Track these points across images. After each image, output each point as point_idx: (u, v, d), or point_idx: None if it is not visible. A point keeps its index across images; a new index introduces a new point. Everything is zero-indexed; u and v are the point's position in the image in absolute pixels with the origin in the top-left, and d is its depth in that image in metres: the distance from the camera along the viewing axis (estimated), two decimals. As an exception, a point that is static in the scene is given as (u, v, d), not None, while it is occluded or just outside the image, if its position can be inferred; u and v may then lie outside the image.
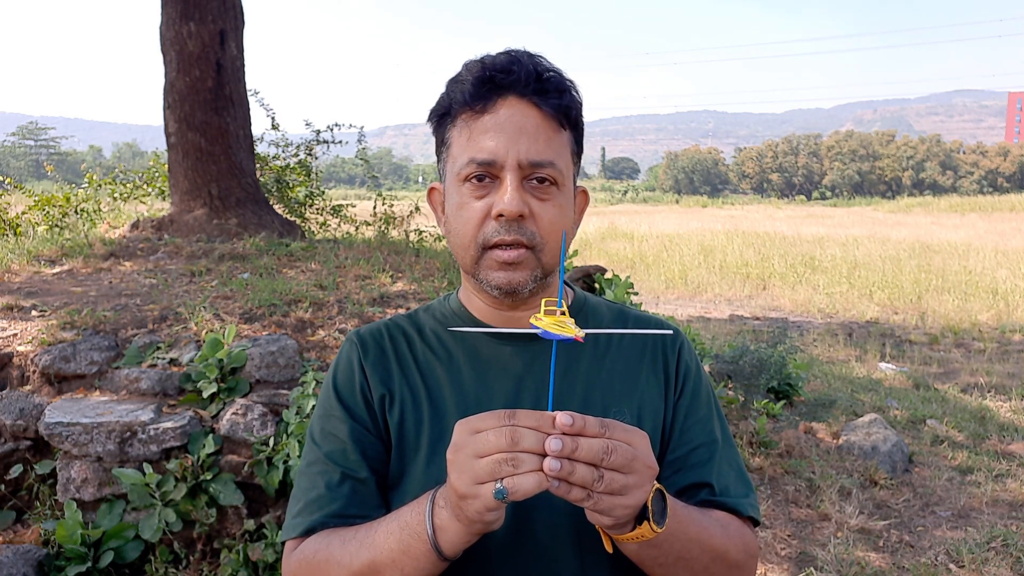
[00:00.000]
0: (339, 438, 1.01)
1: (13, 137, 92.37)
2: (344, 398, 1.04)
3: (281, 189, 7.93)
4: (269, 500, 2.96)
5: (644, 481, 0.79)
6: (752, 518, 1.03)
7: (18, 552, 2.66)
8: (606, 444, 0.76)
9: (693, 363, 1.10)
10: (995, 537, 3.70)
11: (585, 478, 0.75)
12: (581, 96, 0.99)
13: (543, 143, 0.94)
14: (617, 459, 0.76)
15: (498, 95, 0.94)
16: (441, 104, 1.00)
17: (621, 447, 0.77)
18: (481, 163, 0.94)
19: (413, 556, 0.85)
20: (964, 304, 10.63)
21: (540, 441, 0.75)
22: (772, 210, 40.11)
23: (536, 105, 0.94)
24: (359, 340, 1.08)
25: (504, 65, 0.94)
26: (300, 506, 0.99)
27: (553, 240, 0.96)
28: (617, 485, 0.77)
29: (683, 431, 1.05)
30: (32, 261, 4.88)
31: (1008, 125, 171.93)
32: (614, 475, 0.77)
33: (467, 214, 0.96)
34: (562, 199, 0.97)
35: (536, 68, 0.95)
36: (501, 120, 0.94)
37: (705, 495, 1.02)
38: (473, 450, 0.77)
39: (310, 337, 3.59)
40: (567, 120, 0.97)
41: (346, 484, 0.98)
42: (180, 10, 5.65)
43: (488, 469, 0.76)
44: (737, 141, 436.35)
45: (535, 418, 0.77)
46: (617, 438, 0.78)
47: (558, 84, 0.96)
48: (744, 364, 5.14)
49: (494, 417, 0.78)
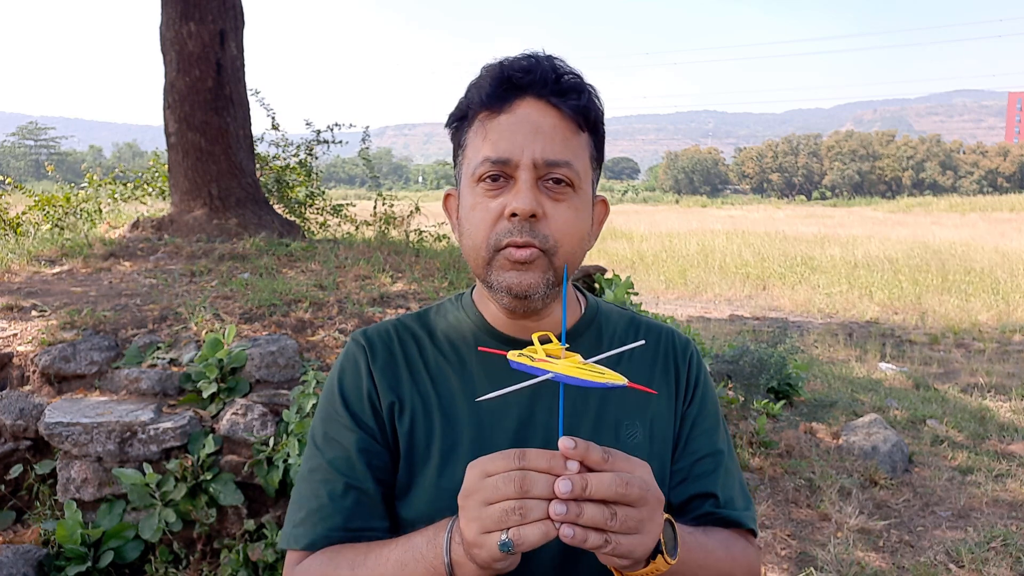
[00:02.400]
0: (343, 446, 0.98)
1: (13, 137, 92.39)
2: (350, 404, 1.00)
3: (281, 189, 7.93)
4: (269, 500, 2.96)
5: (656, 514, 0.76)
6: (752, 531, 1.04)
7: (18, 552, 2.66)
8: (619, 477, 0.73)
9: (703, 374, 1.10)
10: (995, 537, 3.70)
11: (596, 518, 0.71)
12: (602, 103, 0.97)
13: (560, 143, 0.92)
14: (633, 492, 0.73)
15: (516, 95, 0.93)
16: (459, 108, 0.98)
17: (635, 479, 0.74)
18: (496, 161, 0.92)
19: None
20: (964, 304, 10.63)
21: (550, 485, 0.72)
22: (772, 210, 40.10)
23: (554, 106, 0.92)
24: (367, 342, 1.04)
25: (523, 66, 0.93)
26: (302, 515, 0.97)
27: (567, 244, 0.93)
28: (632, 522, 0.73)
29: (689, 441, 1.05)
30: (32, 261, 4.88)
31: (1008, 125, 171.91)
32: (628, 511, 0.73)
33: (480, 214, 0.93)
34: (578, 202, 0.94)
35: (555, 69, 0.93)
36: (518, 119, 0.92)
37: (710, 506, 1.01)
38: (482, 497, 0.74)
39: (310, 337, 3.59)
40: (586, 122, 0.95)
41: (350, 495, 0.96)
42: (180, 10, 5.65)
43: (496, 518, 0.72)
44: (737, 141, 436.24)
45: (546, 459, 0.73)
46: (622, 469, 0.74)
47: (577, 86, 0.94)
48: (744, 364, 5.14)
49: (504, 459, 0.74)
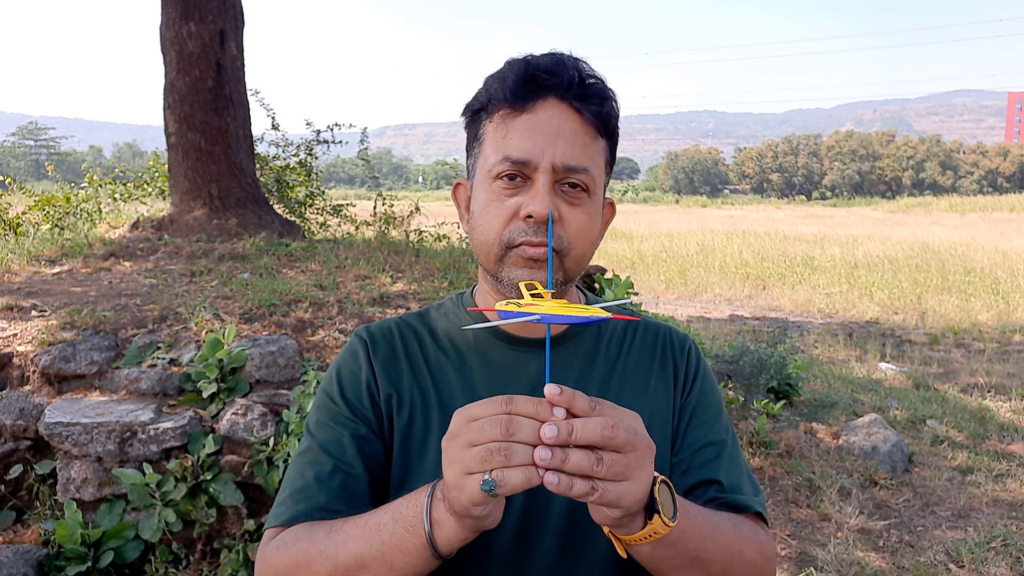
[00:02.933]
0: (336, 429, 0.99)
1: (13, 137, 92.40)
2: (347, 392, 1.01)
3: (281, 189, 7.93)
4: (269, 500, 2.96)
5: (646, 461, 0.75)
6: (761, 516, 1.01)
7: (18, 552, 2.66)
8: (605, 420, 0.72)
9: (702, 366, 1.10)
10: (995, 537, 3.70)
11: (582, 464, 0.71)
12: (619, 107, 0.97)
13: (579, 148, 0.93)
14: (619, 435, 0.72)
15: (539, 96, 0.93)
16: (478, 99, 0.98)
17: (622, 424, 0.73)
18: (515, 162, 0.92)
19: (405, 550, 0.82)
20: (964, 304, 10.63)
21: (536, 431, 0.71)
22: (772, 210, 40.11)
23: (577, 110, 0.93)
24: (369, 336, 1.06)
25: (549, 66, 0.93)
26: (286, 495, 0.96)
27: (579, 247, 0.95)
28: (619, 467, 0.72)
29: (689, 431, 1.04)
30: (32, 261, 4.88)
31: (1008, 125, 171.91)
32: (614, 456, 0.72)
33: (495, 211, 0.94)
34: (591, 207, 0.96)
35: (580, 73, 0.93)
36: (540, 121, 0.92)
37: (714, 492, 1.00)
38: (467, 439, 0.73)
39: (310, 337, 3.59)
40: (605, 129, 0.96)
41: (336, 477, 0.95)
42: (180, 10, 5.65)
43: (479, 458, 0.72)
44: (737, 141, 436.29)
45: (533, 405, 0.73)
46: (610, 415, 0.74)
47: (601, 91, 0.94)
48: (744, 364, 5.13)
49: (492, 404, 0.74)
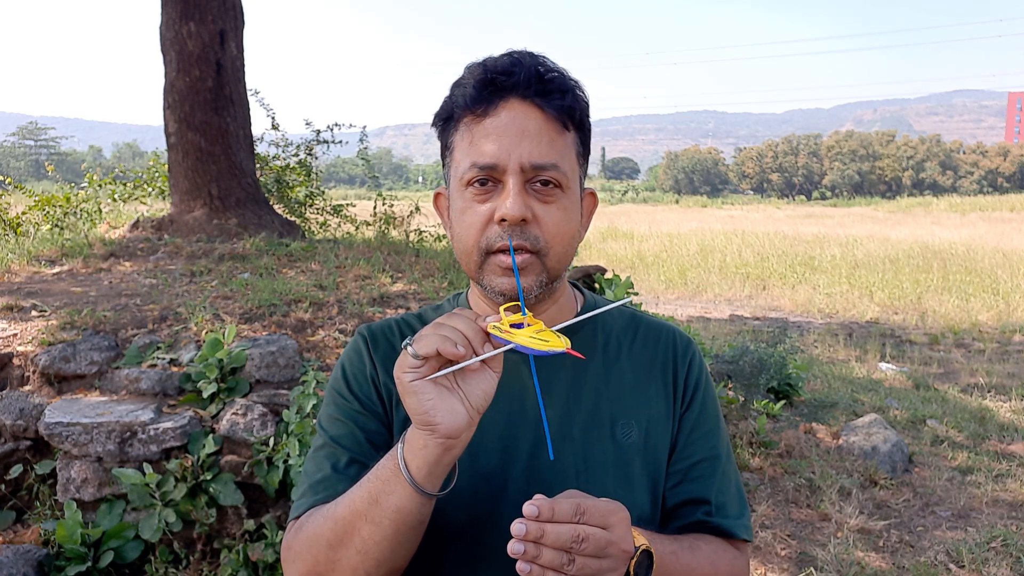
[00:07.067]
0: (348, 424, 1.01)
1: (13, 137, 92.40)
2: (353, 386, 1.03)
3: (281, 189, 7.93)
4: (269, 500, 2.96)
5: (619, 565, 0.78)
6: (745, 539, 1.04)
7: (18, 552, 2.66)
8: (576, 532, 0.74)
9: (703, 376, 1.09)
10: (995, 537, 3.70)
11: (553, 562, 0.74)
12: (587, 96, 0.97)
13: (546, 145, 0.92)
14: (589, 547, 0.75)
15: (500, 97, 0.93)
16: (444, 108, 0.98)
17: (595, 534, 0.75)
18: (483, 167, 0.92)
19: (384, 479, 0.85)
20: (964, 304, 10.63)
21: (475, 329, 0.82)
22: (772, 210, 40.07)
23: (538, 107, 0.92)
24: (370, 334, 1.08)
25: (505, 67, 0.92)
26: (305, 487, 0.99)
27: (559, 245, 0.94)
28: (590, 571, 0.75)
29: (687, 444, 1.05)
30: (32, 261, 4.88)
31: (1008, 125, 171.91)
32: (587, 560, 0.75)
33: (470, 219, 0.94)
34: (567, 202, 0.95)
35: (538, 69, 0.93)
36: (503, 123, 0.92)
37: (702, 514, 1.02)
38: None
39: (310, 337, 3.59)
40: (571, 121, 0.95)
41: (353, 467, 0.98)
42: (180, 10, 5.65)
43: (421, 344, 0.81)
44: (737, 141, 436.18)
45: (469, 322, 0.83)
46: (593, 523, 0.76)
47: (561, 84, 0.94)
48: (744, 364, 5.13)
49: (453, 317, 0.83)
